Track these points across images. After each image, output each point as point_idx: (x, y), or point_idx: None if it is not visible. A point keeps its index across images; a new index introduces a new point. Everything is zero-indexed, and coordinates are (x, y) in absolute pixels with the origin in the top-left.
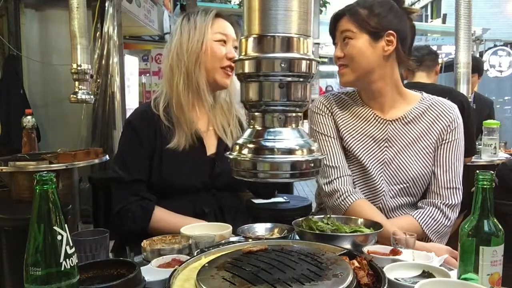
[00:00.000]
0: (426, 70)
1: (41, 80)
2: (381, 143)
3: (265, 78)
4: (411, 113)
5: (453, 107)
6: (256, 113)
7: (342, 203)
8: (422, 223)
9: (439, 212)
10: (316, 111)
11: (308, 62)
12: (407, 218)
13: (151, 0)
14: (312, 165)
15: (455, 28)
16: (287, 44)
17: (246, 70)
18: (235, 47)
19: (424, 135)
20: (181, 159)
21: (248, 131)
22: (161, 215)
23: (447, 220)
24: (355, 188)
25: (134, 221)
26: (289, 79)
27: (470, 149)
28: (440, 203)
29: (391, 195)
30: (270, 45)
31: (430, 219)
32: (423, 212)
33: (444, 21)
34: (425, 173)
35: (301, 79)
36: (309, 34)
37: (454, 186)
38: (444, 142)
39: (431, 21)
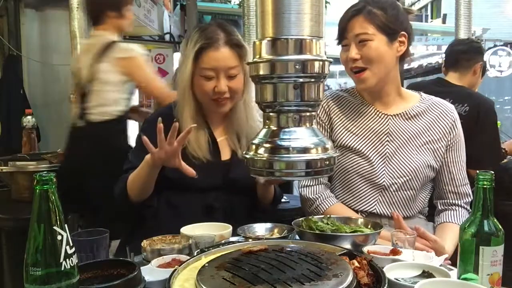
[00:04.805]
0: (460, 70)
1: (41, 80)
2: (382, 136)
3: (280, 80)
4: (412, 110)
5: (452, 108)
6: (271, 114)
7: (315, 210)
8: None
9: (466, 211)
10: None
11: (321, 63)
12: (449, 229)
13: (151, 0)
14: (327, 162)
15: (455, 28)
16: (300, 46)
17: (261, 72)
18: (230, 76)
19: (425, 132)
20: (196, 161)
21: (263, 131)
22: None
23: None
24: (332, 192)
25: (117, 195)
26: (303, 80)
27: (498, 156)
28: (463, 202)
29: (395, 188)
30: (284, 48)
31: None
32: (457, 215)
33: (444, 21)
34: (425, 167)
35: (314, 80)
36: (321, 36)
37: (467, 182)
38: (451, 144)
39: (431, 21)
